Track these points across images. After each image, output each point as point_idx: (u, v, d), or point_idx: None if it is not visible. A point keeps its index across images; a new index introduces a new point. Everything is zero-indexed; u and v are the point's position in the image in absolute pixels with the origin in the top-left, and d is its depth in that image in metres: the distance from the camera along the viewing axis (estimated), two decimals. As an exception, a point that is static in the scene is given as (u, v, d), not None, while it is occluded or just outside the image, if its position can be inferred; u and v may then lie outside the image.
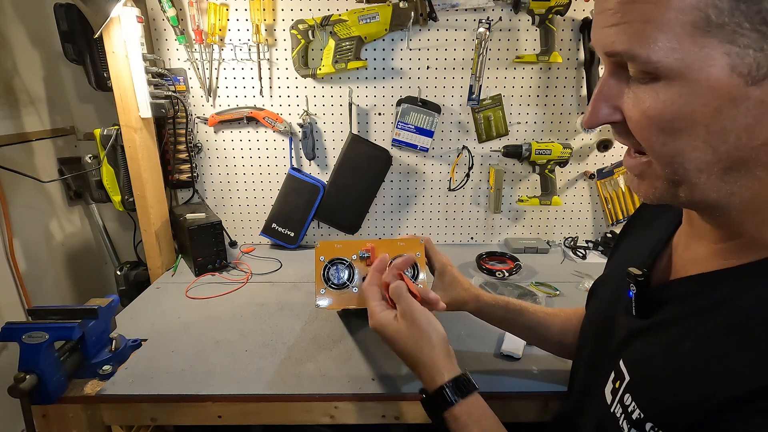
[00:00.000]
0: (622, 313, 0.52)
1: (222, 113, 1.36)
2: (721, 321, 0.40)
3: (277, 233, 1.44)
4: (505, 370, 0.83)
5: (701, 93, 0.34)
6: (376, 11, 1.25)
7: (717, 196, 0.39)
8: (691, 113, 0.35)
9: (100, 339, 0.82)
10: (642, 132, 0.39)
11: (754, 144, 0.35)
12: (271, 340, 0.93)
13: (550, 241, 1.52)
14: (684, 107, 0.35)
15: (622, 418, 0.45)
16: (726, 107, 0.34)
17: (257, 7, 1.24)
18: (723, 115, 0.34)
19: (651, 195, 0.42)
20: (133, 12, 1.10)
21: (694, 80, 0.34)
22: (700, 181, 0.38)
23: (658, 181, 0.41)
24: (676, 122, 0.36)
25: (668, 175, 0.39)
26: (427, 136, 1.35)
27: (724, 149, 0.36)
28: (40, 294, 1.26)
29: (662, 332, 0.45)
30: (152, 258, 1.28)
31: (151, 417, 0.79)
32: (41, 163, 1.29)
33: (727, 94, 0.34)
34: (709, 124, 0.35)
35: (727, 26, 0.32)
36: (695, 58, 0.34)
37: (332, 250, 0.78)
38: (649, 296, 0.48)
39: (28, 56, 1.25)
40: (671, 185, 0.40)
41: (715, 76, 0.33)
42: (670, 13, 0.33)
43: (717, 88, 0.34)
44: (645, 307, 0.48)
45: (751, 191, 0.38)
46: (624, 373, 0.47)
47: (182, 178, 1.41)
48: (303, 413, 0.79)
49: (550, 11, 1.23)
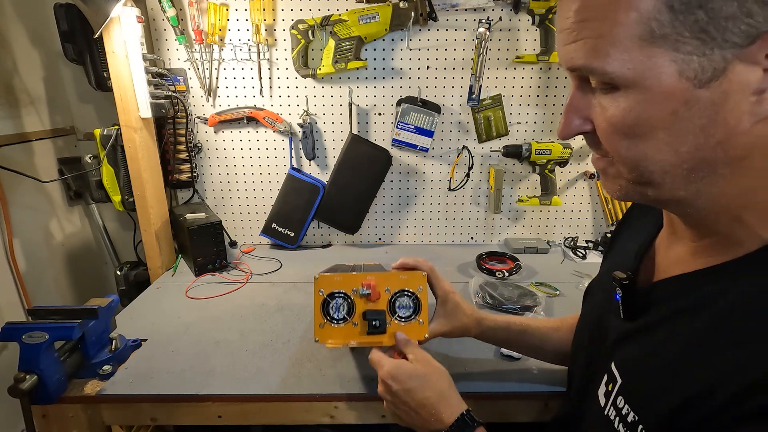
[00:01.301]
0: (612, 315, 0.53)
1: (222, 113, 1.36)
2: (705, 320, 0.41)
3: (277, 233, 1.44)
4: (505, 371, 0.83)
5: (656, 99, 0.37)
6: (376, 11, 1.25)
7: (685, 194, 0.41)
8: (649, 118, 0.38)
9: (100, 339, 0.82)
10: (608, 139, 0.41)
11: (712, 143, 0.37)
12: (271, 340, 0.93)
13: (550, 241, 1.52)
14: (642, 113, 0.38)
15: (617, 421, 0.46)
16: (681, 110, 0.37)
17: (257, 7, 1.24)
18: (679, 117, 0.37)
19: (617, 192, 0.45)
20: (133, 12, 1.10)
21: (648, 87, 0.37)
22: (665, 180, 0.40)
23: (622, 179, 0.43)
24: (636, 128, 0.39)
25: (635, 178, 0.42)
26: (427, 136, 1.35)
27: (684, 150, 0.38)
28: (40, 294, 1.26)
29: (650, 334, 0.46)
30: (152, 258, 1.28)
31: (151, 417, 0.79)
32: (41, 163, 1.29)
33: (680, 98, 0.36)
34: (667, 128, 0.37)
35: (669, 36, 0.35)
36: (645, 66, 0.36)
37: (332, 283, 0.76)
38: (634, 299, 0.49)
39: (28, 56, 1.25)
40: (637, 185, 0.42)
41: (666, 82, 0.36)
42: (618, 29, 0.36)
43: (669, 93, 0.36)
44: (632, 309, 0.50)
45: (717, 189, 0.40)
46: (616, 376, 0.48)
47: (182, 178, 1.41)
48: (303, 413, 0.79)
49: (550, 11, 1.23)
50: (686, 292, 0.44)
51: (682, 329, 0.43)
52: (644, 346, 0.47)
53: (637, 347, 0.48)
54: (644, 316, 0.48)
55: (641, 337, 0.47)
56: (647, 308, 0.48)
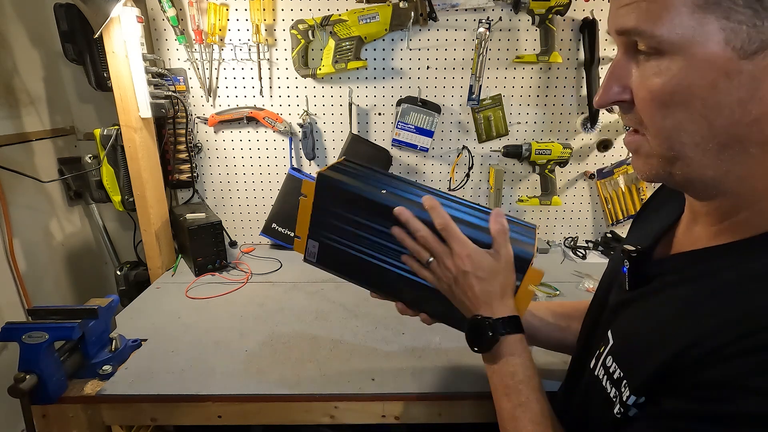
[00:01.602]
0: (616, 288, 0.54)
1: (222, 113, 1.36)
2: (702, 289, 0.42)
3: (277, 233, 1.44)
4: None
5: (699, 66, 0.37)
6: (376, 11, 1.25)
7: (713, 173, 0.40)
8: (689, 86, 0.37)
9: (100, 339, 0.82)
10: (645, 107, 0.41)
11: (747, 119, 0.37)
12: (271, 340, 0.93)
13: (550, 241, 1.51)
14: (683, 80, 0.37)
15: (604, 379, 0.47)
16: (721, 81, 0.36)
17: (257, 7, 1.24)
18: (718, 89, 0.37)
19: (647, 172, 0.44)
20: (133, 12, 1.10)
21: (693, 54, 0.37)
22: (696, 156, 0.40)
23: (653, 158, 0.43)
24: (675, 95, 0.38)
25: (665, 151, 0.41)
26: (427, 136, 1.35)
27: (719, 123, 0.38)
28: (40, 294, 1.26)
29: (647, 300, 0.48)
30: (152, 258, 1.28)
31: (151, 417, 0.79)
32: (41, 163, 1.29)
33: (722, 68, 0.36)
34: (705, 98, 0.37)
35: (723, 3, 0.35)
36: (695, 33, 0.36)
37: None
38: (641, 270, 0.50)
39: (28, 56, 1.25)
40: (666, 163, 0.42)
41: (712, 50, 0.36)
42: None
43: (713, 61, 0.36)
44: (637, 281, 0.50)
45: (745, 169, 0.40)
46: (609, 339, 0.49)
47: (182, 178, 1.41)
48: (303, 413, 0.79)
49: (550, 11, 1.23)
50: (691, 265, 0.45)
51: (678, 295, 0.44)
52: (638, 311, 0.48)
53: (633, 312, 0.49)
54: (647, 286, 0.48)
55: (637, 303, 0.49)
56: (650, 280, 0.48)
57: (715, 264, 0.42)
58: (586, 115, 1.38)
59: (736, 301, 0.38)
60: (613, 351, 0.48)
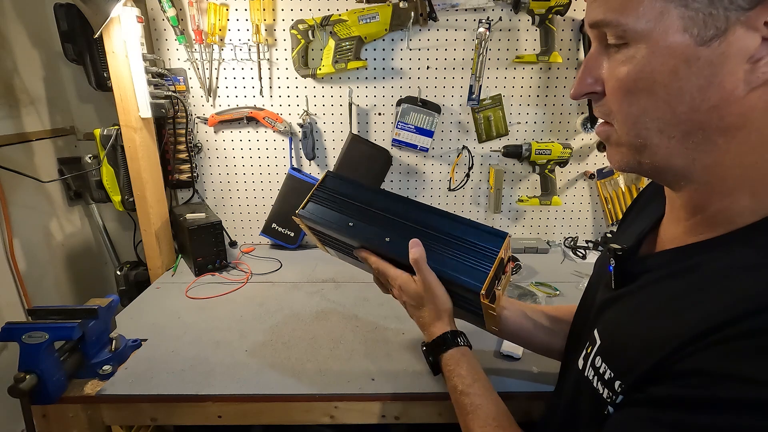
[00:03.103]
0: (602, 288, 0.55)
1: (222, 113, 1.36)
2: (683, 284, 0.43)
3: (277, 233, 1.44)
4: (505, 370, 0.83)
5: (661, 53, 0.39)
6: (376, 11, 1.25)
7: (682, 162, 0.42)
8: (652, 72, 0.39)
9: (100, 339, 0.82)
10: (613, 95, 0.43)
11: (707, 106, 0.39)
12: (271, 340, 0.93)
13: (550, 241, 1.51)
14: (646, 67, 0.40)
15: (595, 380, 0.47)
16: (681, 68, 0.38)
17: (257, 7, 1.24)
18: (679, 75, 0.38)
19: (619, 161, 0.46)
20: (133, 12, 1.10)
21: (655, 42, 0.39)
22: (662, 143, 0.42)
23: (623, 147, 0.45)
24: (639, 82, 0.40)
25: (632, 139, 0.43)
26: (427, 136, 1.35)
27: (681, 110, 0.39)
28: (40, 294, 1.26)
29: (631, 298, 0.49)
30: (152, 258, 1.28)
31: (151, 417, 0.79)
32: (41, 163, 1.29)
33: (682, 55, 0.38)
34: (667, 84, 0.39)
35: None
36: (657, 21, 0.38)
37: None
38: (625, 269, 0.51)
39: (28, 56, 1.25)
40: (635, 151, 0.44)
41: (672, 37, 0.38)
42: None
43: (673, 48, 0.38)
44: (621, 280, 0.51)
45: (712, 158, 0.41)
46: (596, 339, 0.50)
47: (182, 178, 1.41)
48: (303, 413, 0.79)
49: (550, 11, 1.23)
50: (673, 262, 0.46)
51: (661, 291, 0.45)
52: (624, 309, 0.49)
53: (619, 310, 0.50)
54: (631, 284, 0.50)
55: (623, 301, 0.49)
56: (636, 278, 0.49)
57: (694, 261, 0.43)
58: (586, 115, 1.38)
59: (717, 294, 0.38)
60: (601, 351, 0.48)
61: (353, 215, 0.73)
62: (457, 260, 0.66)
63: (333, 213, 0.74)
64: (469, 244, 0.66)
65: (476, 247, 0.66)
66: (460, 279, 0.64)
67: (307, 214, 0.75)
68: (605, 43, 0.43)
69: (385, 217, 0.72)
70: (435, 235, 0.68)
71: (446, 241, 0.67)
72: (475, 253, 0.66)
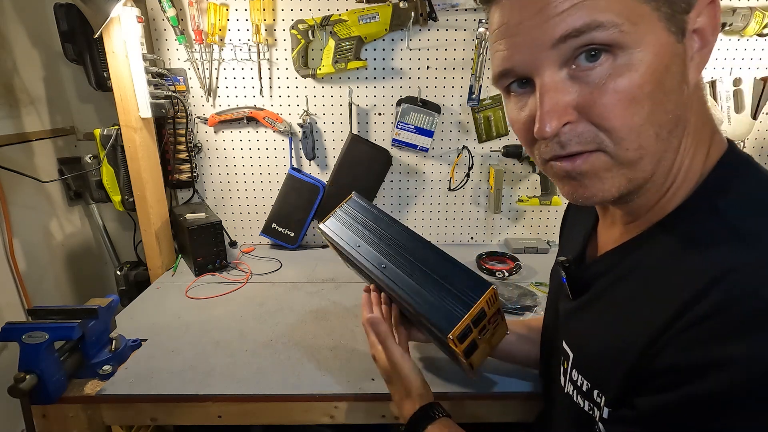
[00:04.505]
0: (563, 298, 0.56)
1: (222, 113, 1.36)
2: (632, 284, 0.44)
3: (277, 233, 1.44)
4: (505, 371, 0.83)
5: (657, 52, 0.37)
6: (376, 11, 1.25)
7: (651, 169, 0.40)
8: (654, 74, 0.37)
9: (100, 339, 0.82)
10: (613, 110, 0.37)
11: (683, 99, 0.39)
12: (271, 340, 0.93)
13: (550, 241, 1.51)
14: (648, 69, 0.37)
15: (575, 395, 0.48)
16: (673, 64, 0.38)
17: (257, 7, 1.24)
18: (671, 72, 0.38)
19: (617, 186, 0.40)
20: (133, 12, 1.10)
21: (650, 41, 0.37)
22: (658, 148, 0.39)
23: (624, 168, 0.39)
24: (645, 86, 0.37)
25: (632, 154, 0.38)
26: (427, 136, 1.35)
27: (670, 108, 0.39)
28: (40, 294, 1.26)
29: (591, 306, 0.50)
30: (152, 258, 1.28)
31: (151, 417, 0.79)
32: (41, 163, 1.29)
33: (671, 51, 0.38)
34: (663, 83, 0.38)
35: None
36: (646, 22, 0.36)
37: None
38: (577, 278, 0.53)
39: (28, 56, 1.25)
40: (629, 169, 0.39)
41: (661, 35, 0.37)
42: None
43: (664, 44, 0.37)
44: (576, 289, 0.53)
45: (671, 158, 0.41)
46: (568, 352, 0.51)
47: (182, 178, 1.41)
48: (303, 413, 0.79)
49: (550, 11, 1.23)
50: (618, 263, 0.47)
51: (617, 295, 0.46)
52: (587, 318, 0.50)
53: (582, 321, 0.51)
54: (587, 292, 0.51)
55: (584, 310, 0.51)
56: (589, 285, 0.51)
57: (633, 258, 0.45)
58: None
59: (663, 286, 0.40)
60: (576, 364, 0.49)
61: (363, 238, 0.78)
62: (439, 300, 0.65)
63: (348, 232, 0.79)
64: (456, 289, 0.66)
65: (460, 292, 0.65)
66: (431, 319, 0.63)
67: (326, 228, 0.81)
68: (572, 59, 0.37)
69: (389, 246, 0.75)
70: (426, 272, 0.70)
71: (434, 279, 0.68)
72: (454, 296, 0.65)
